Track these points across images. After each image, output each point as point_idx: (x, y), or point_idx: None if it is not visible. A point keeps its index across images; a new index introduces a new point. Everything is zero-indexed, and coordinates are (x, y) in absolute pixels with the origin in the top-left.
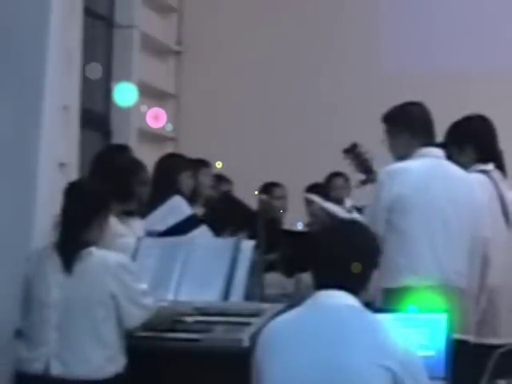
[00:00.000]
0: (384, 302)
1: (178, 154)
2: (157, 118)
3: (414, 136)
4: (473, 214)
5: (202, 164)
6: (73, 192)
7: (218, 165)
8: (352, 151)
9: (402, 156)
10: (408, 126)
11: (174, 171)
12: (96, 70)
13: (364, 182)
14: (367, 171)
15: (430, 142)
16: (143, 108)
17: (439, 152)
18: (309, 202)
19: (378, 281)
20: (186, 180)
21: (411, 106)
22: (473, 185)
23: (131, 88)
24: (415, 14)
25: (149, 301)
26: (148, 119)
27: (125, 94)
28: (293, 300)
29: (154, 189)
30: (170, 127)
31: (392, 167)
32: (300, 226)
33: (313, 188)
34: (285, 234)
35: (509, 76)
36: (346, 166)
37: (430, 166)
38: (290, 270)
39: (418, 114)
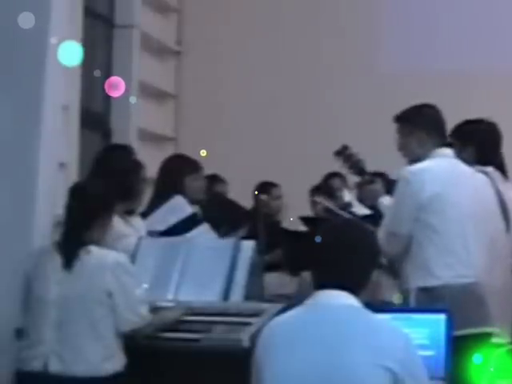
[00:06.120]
0: (417, 301)
1: (185, 156)
2: (116, 87)
3: (429, 136)
4: (491, 213)
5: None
6: (77, 193)
7: (203, 153)
8: (343, 153)
9: (415, 156)
10: (424, 125)
11: (181, 173)
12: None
13: (360, 184)
14: (360, 172)
15: (443, 142)
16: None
17: (452, 152)
18: (314, 204)
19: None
20: (190, 183)
21: (426, 106)
22: (486, 184)
23: (76, 46)
24: (416, 12)
25: (144, 310)
26: (107, 88)
27: (69, 53)
28: (293, 300)
29: (157, 189)
30: (133, 100)
31: (417, 166)
32: None
33: (317, 189)
34: (284, 233)
35: (510, 76)
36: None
37: (450, 165)
38: (295, 269)
39: (432, 114)
